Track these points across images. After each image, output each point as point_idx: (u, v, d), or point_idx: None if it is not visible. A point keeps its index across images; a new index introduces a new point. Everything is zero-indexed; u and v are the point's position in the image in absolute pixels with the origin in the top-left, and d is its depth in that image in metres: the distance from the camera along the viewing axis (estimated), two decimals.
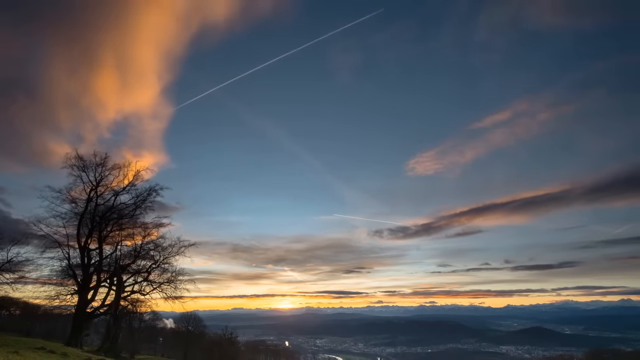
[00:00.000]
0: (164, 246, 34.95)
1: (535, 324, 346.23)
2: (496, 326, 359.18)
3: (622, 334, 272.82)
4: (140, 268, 34.74)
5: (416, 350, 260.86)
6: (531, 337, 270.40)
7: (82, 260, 30.61)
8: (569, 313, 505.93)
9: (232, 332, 77.20)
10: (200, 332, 71.44)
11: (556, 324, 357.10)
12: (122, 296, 33.34)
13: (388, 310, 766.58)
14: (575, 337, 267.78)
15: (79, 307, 29.74)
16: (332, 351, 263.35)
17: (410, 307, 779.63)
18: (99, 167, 31.28)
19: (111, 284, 33.07)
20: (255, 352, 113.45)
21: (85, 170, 30.86)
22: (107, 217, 32.25)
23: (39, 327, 64.47)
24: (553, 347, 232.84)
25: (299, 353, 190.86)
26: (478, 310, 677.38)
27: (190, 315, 69.42)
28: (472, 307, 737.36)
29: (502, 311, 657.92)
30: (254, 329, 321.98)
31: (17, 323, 61.29)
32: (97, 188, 31.46)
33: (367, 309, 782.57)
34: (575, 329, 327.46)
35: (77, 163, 30.55)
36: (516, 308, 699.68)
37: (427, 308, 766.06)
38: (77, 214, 30.96)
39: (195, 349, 67.88)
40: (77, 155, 30.66)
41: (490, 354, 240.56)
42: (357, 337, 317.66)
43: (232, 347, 74.57)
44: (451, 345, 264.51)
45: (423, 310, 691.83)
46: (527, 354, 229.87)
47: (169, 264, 34.94)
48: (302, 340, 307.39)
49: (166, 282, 34.57)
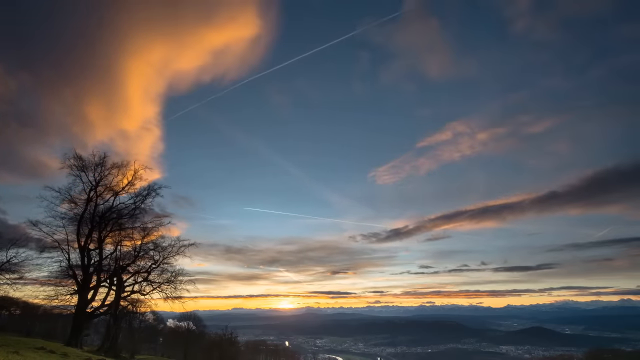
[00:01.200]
0: (164, 246, 35.05)
1: (535, 324, 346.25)
2: (496, 326, 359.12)
3: (622, 334, 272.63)
4: (140, 268, 34.75)
5: (416, 350, 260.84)
6: (531, 337, 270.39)
7: (82, 260, 30.57)
8: (569, 313, 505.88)
9: (232, 332, 77.23)
10: (200, 332, 71.53)
11: (556, 324, 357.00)
12: (122, 296, 33.36)
13: (388, 310, 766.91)
14: (575, 337, 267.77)
15: (79, 307, 29.73)
16: (332, 351, 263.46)
17: (410, 307, 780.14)
18: (98, 167, 31.27)
19: (111, 284, 33.08)
20: (255, 352, 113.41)
21: (85, 170, 30.83)
22: (107, 217, 32.22)
23: (39, 327, 64.49)
24: (553, 347, 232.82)
25: (299, 353, 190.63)
26: (478, 310, 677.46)
27: (190, 315, 69.57)
28: (472, 307, 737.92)
29: (502, 311, 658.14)
30: (254, 329, 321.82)
31: (17, 323, 61.32)
32: (96, 188, 31.42)
33: (367, 309, 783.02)
34: (575, 329, 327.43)
35: (77, 163, 30.57)
36: (516, 308, 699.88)
37: (427, 308, 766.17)
38: (76, 214, 30.97)
39: (195, 349, 67.90)
40: (76, 155, 30.68)
41: (490, 354, 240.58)
42: (357, 337, 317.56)
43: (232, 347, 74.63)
44: (451, 345, 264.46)
45: (423, 310, 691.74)
46: (527, 354, 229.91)
47: (169, 264, 35.02)
48: (302, 340, 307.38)
49: (166, 282, 34.59)
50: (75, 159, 30.47)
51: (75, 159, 30.49)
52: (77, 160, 30.54)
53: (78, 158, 30.59)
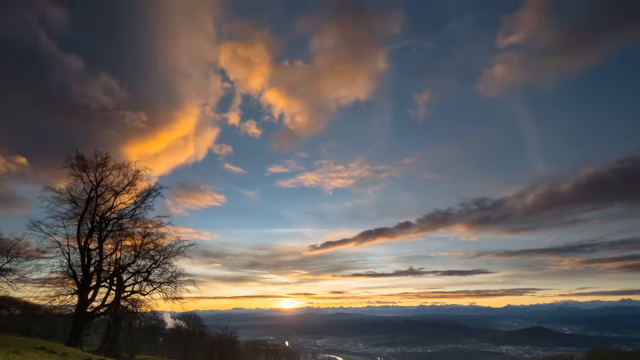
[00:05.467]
0: (164, 246, 34.99)
1: (535, 324, 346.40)
2: (496, 326, 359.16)
3: (622, 334, 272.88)
4: (140, 268, 34.63)
5: (416, 350, 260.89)
6: (531, 337, 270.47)
7: (82, 260, 30.50)
8: (569, 313, 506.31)
9: (232, 332, 77.18)
10: (200, 332, 71.48)
11: (556, 324, 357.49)
12: (122, 296, 33.31)
13: (388, 310, 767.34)
14: (575, 337, 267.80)
15: (79, 307, 29.69)
16: (332, 351, 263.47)
17: (410, 307, 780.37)
18: (100, 167, 31.12)
19: (111, 284, 33.00)
20: (255, 352, 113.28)
21: (86, 170, 30.69)
22: (107, 217, 32.18)
23: (39, 327, 64.54)
24: (553, 347, 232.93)
25: (299, 353, 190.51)
26: (478, 310, 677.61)
27: (190, 315, 69.53)
28: (472, 307, 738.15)
29: (502, 311, 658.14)
30: (254, 329, 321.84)
31: (17, 323, 61.38)
32: (97, 188, 31.31)
33: (367, 309, 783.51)
34: (575, 329, 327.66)
35: (78, 163, 30.42)
36: (516, 308, 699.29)
37: (427, 308, 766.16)
38: (77, 214, 30.85)
39: (195, 349, 67.90)
40: (78, 155, 30.52)
41: (490, 354, 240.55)
42: (357, 337, 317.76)
43: (232, 347, 74.56)
44: (451, 345, 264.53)
45: (423, 310, 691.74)
46: (527, 354, 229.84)
47: (169, 264, 34.96)
48: (302, 340, 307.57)
49: (166, 282, 34.55)
50: (77, 159, 30.40)
51: (77, 159, 30.42)
52: (79, 161, 30.46)
53: (80, 158, 30.50)
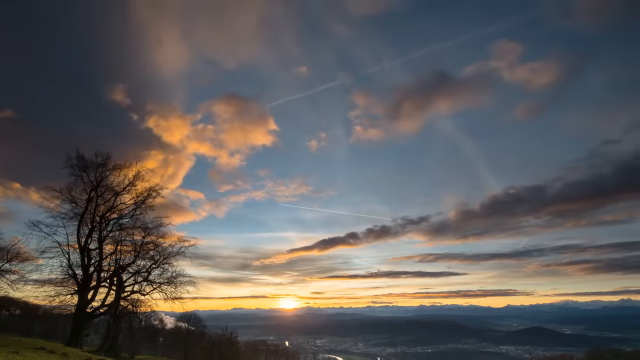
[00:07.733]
0: (164, 246, 35.03)
1: (535, 324, 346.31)
2: (496, 326, 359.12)
3: (622, 334, 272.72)
4: (140, 268, 34.63)
5: (416, 350, 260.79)
6: (531, 337, 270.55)
7: (82, 260, 30.51)
8: (569, 313, 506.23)
9: (232, 332, 77.11)
10: (200, 332, 71.46)
11: (556, 324, 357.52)
12: (122, 296, 33.31)
13: (388, 310, 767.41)
14: (575, 337, 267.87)
15: (79, 307, 29.70)
16: (332, 351, 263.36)
17: (410, 307, 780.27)
18: (100, 167, 31.14)
19: (111, 284, 33.01)
20: (255, 352, 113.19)
21: (86, 170, 30.71)
22: (107, 217, 32.21)
23: (39, 327, 64.52)
24: (553, 347, 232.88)
25: (299, 353, 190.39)
26: (478, 310, 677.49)
27: (190, 315, 69.52)
28: (472, 307, 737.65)
29: (502, 311, 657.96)
30: (254, 329, 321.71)
31: (17, 323, 61.39)
32: (97, 188, 31.32)
33: (368, 309, 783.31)
34: (575, 329, 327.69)
35: (78, 163, 30.46)
36: (516, 308, 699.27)
37: (427, 308, 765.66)
38: (77, 214, 30.86)
39: (195, 349, 67.86)
40: (79, 155, 30.57)
41: (490, 354, 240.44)
42: (357, 337, 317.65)
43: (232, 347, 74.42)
44: (451, 345, 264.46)
45: (423, 310, 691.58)
46: (527, 354, 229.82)
47: (169, 264, 34.97)
48: (302, 340, 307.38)
49: (166, 283, 34.55)
50: (77, 159, 30.44)
51: (77, 159, 30.46)
52: (79, 161, 30.50)
53: (80, 158, 30.54)
